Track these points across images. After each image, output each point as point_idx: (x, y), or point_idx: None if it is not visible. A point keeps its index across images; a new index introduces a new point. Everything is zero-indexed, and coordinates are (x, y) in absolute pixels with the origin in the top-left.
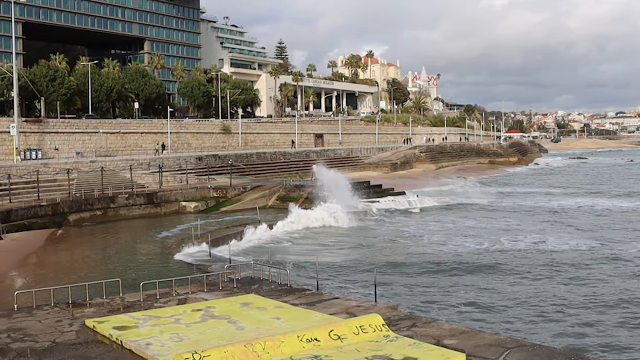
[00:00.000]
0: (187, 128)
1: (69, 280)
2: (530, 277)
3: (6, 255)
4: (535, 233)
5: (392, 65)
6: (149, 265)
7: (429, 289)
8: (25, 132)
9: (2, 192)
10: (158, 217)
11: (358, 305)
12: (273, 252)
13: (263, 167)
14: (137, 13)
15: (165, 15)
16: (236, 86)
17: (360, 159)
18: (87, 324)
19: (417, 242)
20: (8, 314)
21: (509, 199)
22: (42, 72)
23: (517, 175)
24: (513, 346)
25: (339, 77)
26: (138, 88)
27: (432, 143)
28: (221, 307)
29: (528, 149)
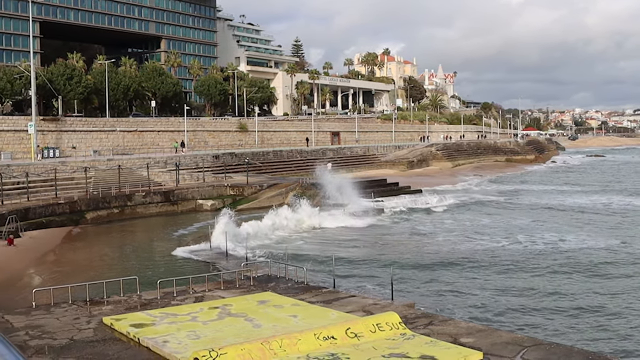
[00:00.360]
0: (204, 126)
1: (86, 278)
2: (547, 275)
3: (24, 253)
4: (552, 231)
5: (409, 63)
6: (166, 263)
7: (445, 287)
8: (43, 130)
9: (21, 190)
10: (175, 215)
11: (375, 303)
12: (289, 251)
13: (279, 165)
14: (153, 12)
15: (182, 13)
16: (252, 84)
17: (376, 156)
18: (105, 321)
19: (433, 240)
20: (26, 312)
21: (526, 197)
22: (59, 71)
23: (534, 173)
24: (530, 345)
25: (355, 75)
26: (155, 86)
27: (449, 141)
28: (238, 305)
29: (545, 147)
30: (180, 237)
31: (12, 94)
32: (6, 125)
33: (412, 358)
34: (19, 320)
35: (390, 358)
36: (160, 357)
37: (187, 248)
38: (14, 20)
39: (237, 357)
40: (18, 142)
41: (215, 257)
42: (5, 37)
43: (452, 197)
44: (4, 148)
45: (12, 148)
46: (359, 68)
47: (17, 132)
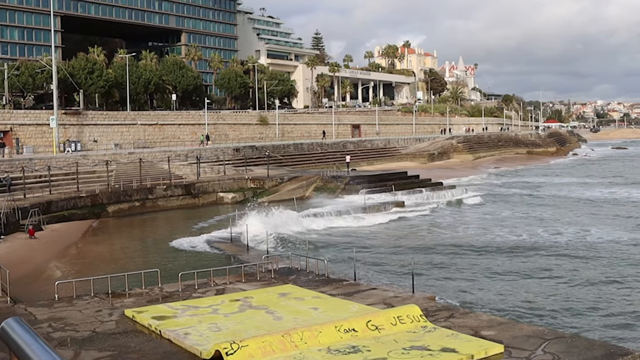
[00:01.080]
0: (225, 119)
1: (108, 271)
2: (569, 268)
3: (46, 246)
4: (574, 224)
5: (429, 55)
6: (187, 255)
7: (466, 279)
8: (64, 124)
9: (43, 183)
10: (196, 208)
11: (395, 296)
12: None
13: (300, 158)
14: (174, 5)
15: (202, 7)
16: (273, 77)
17: (397, 149)
18: (127, 313)
19: (454, 233)
20: (49, 304)
21: (548, 190)
22: (80, 65)
23: (556, 166)
24: (551, 337)
25: (375, 68)
26: (175, 80)
27: (471, 133)
28: (259, 298)
29: (567, 139)
30: (201, 230)
31: (34, 88)
32: (28, 119)
33: (433, 351)
34: (42, 312)
35: (411, 351)
36: (181, 350)
37: (209, 240)
38: (35, 15)
39: (258, 349)
40: (40, 136)
41: (236, 249)
42: (27, 31)
43: (473, 189)
44: (26, 142)
45: (34, 142)
46: (379, 60)
47: (39, 126)
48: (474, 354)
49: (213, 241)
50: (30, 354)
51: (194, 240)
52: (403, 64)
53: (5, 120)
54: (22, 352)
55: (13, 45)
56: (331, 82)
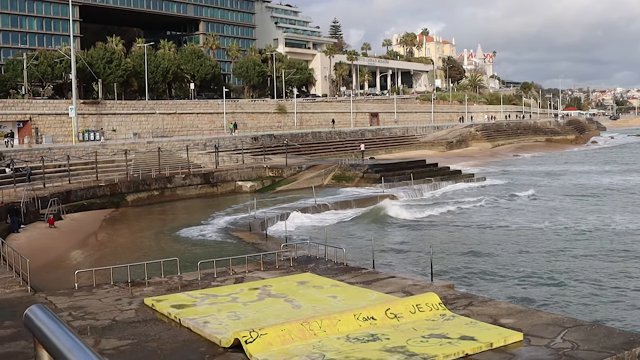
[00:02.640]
0: (243, 108)
1: (127, 260)
2: (588, 256)
3: (66, 235)
4: (596, 212)
5: (448, 43)
6: (205, 244)
7: (484, 268)
8: (83, 113)
9: (62, 173)
10: (214, 197)
11: (414, 284)
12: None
13: (318, 146)
14: None
15: None
16: (291, 66)
17: (415, 137)
18: (146, 302)
19: (472, 221)
20: (69, 293)
21: (568, 178)
22: (99, 55)
23: (575, 153)
24: (571, 325)
25: (393, 56)
26: (193, 69)
27: (493, 121)
28: (278, 286)
29: (586, 127)
30: (219, 218)
31: (53, 77)
32: (47, 108)
33: (452, 339)
34: (62, 301)
35: (430, 339)
36: (200, 338)
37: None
38: (53, 5)
39: (277, 338)
40: (59, 126)
41: (255, 238)
42: (45, 21)
43: (492, 178)
44: (46, 131)
45: (53, 131)
46: (397, 49)
47: (58, 116)
48: (493, 342)
49: (231, 229)
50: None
51: (211, 229)
52: (421, 52)
53: (24, 110)
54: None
55: (32, 35)
56: (349, 71)
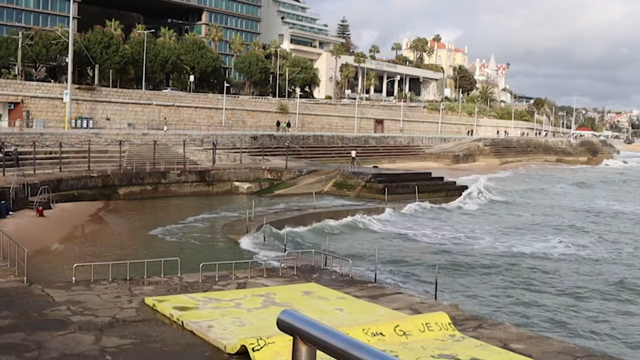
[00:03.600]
0: (243, 105)
1: (117, 256)
2: (599, 283)
3: (55, 225)
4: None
5: (460, 51)
6: (201, 245)
7: (487, 288)
8: (77, 99)
9: (53, 160)
10: (209, 196)
11: (422, 302)
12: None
13: (319, 150)
14: None
15: None
16: (295, 64)
17: (421, 148)
18: (147, 302)
19: (475, 240)
20: (66, 286)
21: (577, 199)
22: (96, 39)
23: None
24: (582, 355)
25: (403, 61)
26: (194, 60)
27: (504, 136)
28: (282, 294)
29: (599, 149)
30: (214, 220)
31: (47, 59)
32: (40, 91)
33: None
34: (60, 294)
35: (439, 359)
36: (204, 342)
37: (223, 231)
38: None
39: (285, 347)
40: (52, 110)
41: (253, 243)
42: (42, 0)
43: (498, 195)
44: (37, 115)
45: (45, 116)
46: (407, 53)
47: (51, 100)
48: None
49: (229, 232)
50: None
51: (209, 229)
52: (432, 58)
53: (17, 91)
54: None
55: (27, 13)
56: (355, 73)
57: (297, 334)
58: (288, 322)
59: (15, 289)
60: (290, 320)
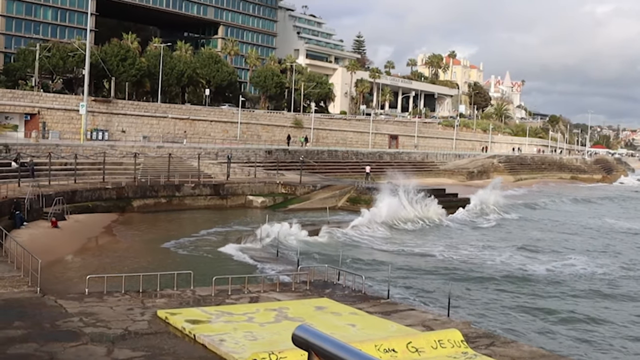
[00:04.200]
0: (258, 119)
1: (130, 268)
2: (612, 300)
3: (69, 236)
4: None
5: (475, 67)
6: (213, 259)
7: (500, 306)
8: (93, 111)
9: (68, 171)
10: (223, 209)
11: (435, 319)
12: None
13: (334, 165)
14: None
15: (242, 0)
16: (310, 79)
17: (435, 164)
18: (159, 314)
19: (489, 256)
20: (79, 298)
21: (593, 218)
22: (113, 51)
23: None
24: None
25: (418, 77)
26: (209, 74)
27: (518, 153)
28: (295, 309)
29: (614, 167)
30: (229, 233)
31: (64, 71)
32: (57, 103)
33: None
34: (73, 305)
35: None
36: (216, 356)
37: (237, 245)
38: None
39: None
40: (67, 122)
41: (266, 257)
42: (60, 12)
43: (513, 211)
44: (53, 127)
45: (61, 127)
46: (422, 69)
47: (68, 112)
48: None
49: (242, 246)
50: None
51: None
52: (447, 74)
53: (33, 102)
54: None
55: (45, 25)
56: (370, 89)
57: (312, 349)
58: (303, 338)
59: (29, 300)
60: (306, 336)
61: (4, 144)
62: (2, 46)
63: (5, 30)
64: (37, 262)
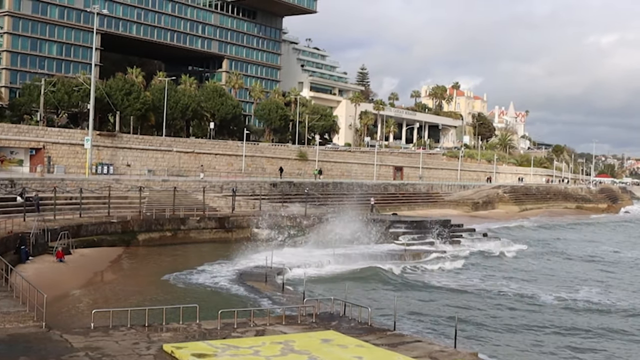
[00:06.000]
0: (263, 152)
1: (136, 302)
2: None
3: (75, 271)
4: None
5: (479, 98)
6: (218, 292)
7: (507, 337)
8: (98, 145)
9: (73, 205)
10: (228, 242)
11: (441, 351)
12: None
13: (339, 197)
14: (217, 30)
15: (246, 34)
16: (315, 111)
17: (440, 195)
18: (165, 348)
19: (496, 287)
20: (85, 332)
21: (598, 246)
22: (118, 86)
23: (606, 223)
24: None
25: (422, 108)
26: (214, 107)
27: (522, 183)
28: (301, 342)
29: (619, 196)
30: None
31: (69, 105)
32: (62, 137)
33: None
34: (78, 340)
35: None
36: None
37: (242, 278)
38: (75, 31)
39: None
40: (72, 156)
41: (271, 289)
42: (65, 47)
43: (518, 243)
44: (58, 161)
45: (66, 162)
46: (426, 101)
47: (73, 146)
48: None
49: (247, 279)
50: None
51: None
52: (451, 105)
53: (38, 137)
54: None
55: (50, 60)
56: (375, 120)
57: None
58: None
59: (34, 335)
60: None
61: (10, 178)
62: (8, 81)
63: (11, 65)
64: (42, 297)
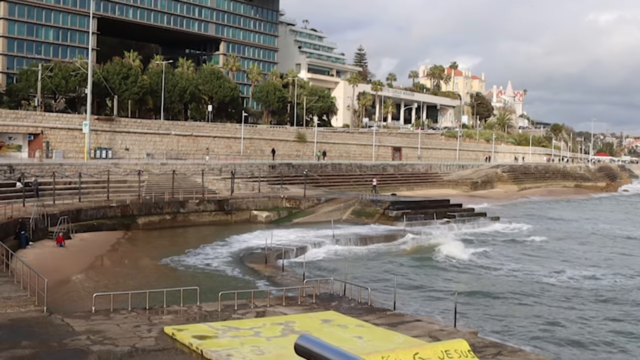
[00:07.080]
0: (261, 134)
1: (136, 285)
2: (615, 309)
3: (75, 255)
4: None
5: (477, 78)
6: (220, 274)
7: (507, 315)
8: (96, 130)
9: (72, 190)
10: (228, 225)
11: (441, 329)
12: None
13: (338, 178)
14: (214, 13)
15: (243, 16)
16: (313, 93)
17: (439, 175)
18: (166, 331)
19: (493, 266)
20: (86, 316)
21: (601, 225)
22: (115, 70)
23: (606, 201)
24: None
25: (420, 89)
26: (212, 90)
27: (521, 162)
28: (301, 323)
29: (617, 174)
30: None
31: (67, 90)
32: (60, 122)
33: None
34: (79, 324)
35: None
36: None
37: (242, 259)
38: (71, 15)
39: None
40: (71, 141)
41: (271, 270)
42: (62, 31)
43: (517, 222)
44: (57, 146)
45: (65, 146)
46: (424, 81)
47: (71, 131)
48: None
49: (247, 261)
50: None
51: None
52: (449, 85)
53: (36, 122)
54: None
55: (47, 45)
56: (373, 101)
57: (315, 358)
58: (305, 347)
59: (36, 319)
60: (308, 345)
61: (8, 164)
62: (5, 67)
63: (7, 51)
64: (43, 282)
